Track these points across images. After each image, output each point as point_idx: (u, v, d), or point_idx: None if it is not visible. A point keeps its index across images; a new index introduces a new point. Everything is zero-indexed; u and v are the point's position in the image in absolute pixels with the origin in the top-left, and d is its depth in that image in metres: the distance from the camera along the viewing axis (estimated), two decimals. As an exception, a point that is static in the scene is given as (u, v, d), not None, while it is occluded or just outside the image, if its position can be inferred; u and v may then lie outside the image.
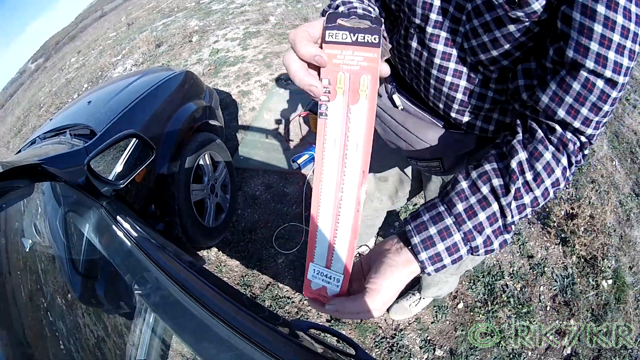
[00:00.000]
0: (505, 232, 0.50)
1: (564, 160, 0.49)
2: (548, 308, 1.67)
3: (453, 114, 0.66)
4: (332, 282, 0.46)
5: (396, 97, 0.74)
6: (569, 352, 1.54)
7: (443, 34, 0.57)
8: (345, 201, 0.43)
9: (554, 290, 1.73)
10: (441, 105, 0.66)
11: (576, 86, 0.45)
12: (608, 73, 0.42)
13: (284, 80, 3.26)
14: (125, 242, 0.86)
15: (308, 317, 1.70)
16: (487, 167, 0.51)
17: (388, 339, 1.61)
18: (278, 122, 2.80)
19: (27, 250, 0.97)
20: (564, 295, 1.70)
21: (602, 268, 1.76)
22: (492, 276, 1.77)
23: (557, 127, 0.49)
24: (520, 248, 1.87)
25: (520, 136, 0.51)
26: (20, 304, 0.83)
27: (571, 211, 1.93)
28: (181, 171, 1.67)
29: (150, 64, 4.76)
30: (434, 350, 1.56)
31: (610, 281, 1.75)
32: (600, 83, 0.44)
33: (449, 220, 0.49)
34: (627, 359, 1.50)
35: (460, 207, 0.49)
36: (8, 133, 6.87)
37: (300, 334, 0.58)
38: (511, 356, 1.51)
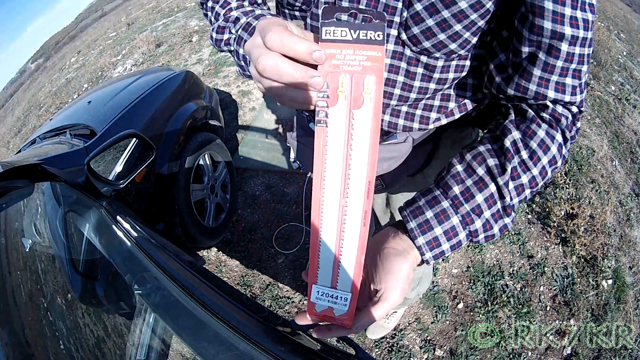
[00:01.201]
0: (505, 216, 0.49)
1: (559, 137, 0.49)
2: (548, 308, 1.67)
3: (387, 117, 0.62)
4: (339, 302, 0.43)
5: (313, 126, 0.70)
6: (569, 352, 1.54)
7: None
8: (351, 216, 0.39)
9: (554, 290, 1.73)
10: None
11: (559, 63, 0.45)
12: (582, 33, 0.44)
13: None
14: (125, 242, 0.86)
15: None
16: (481, 148, 0.50)
17: (388, 339, 1.61)
18: (278, 122, 2.80)
19: (27, 250, 0.97)
20: (564, 295, 1.70)
21: (602, 268, 1.76)
22: (492, 276, 1.77)
23: (548, 103, 0.49)
24: (520, 248, 1.87)
25: (512, 117, 0.51)
26: (20, 304, 0.83)
27: (571, 211, 1.93)
28: (181, 171, 1.67)
29: (150, 64, 4.76)
30: (434, 350, 1.56)
31: (610, 281, 1.75)
32: (577, 49, 0.45)
33: (445, 203, 0.48)
34: (627, 359, 1.50)
35: (456, 189, 0.48)
36: (8, 133, 6.87)
37: (300, 334, 0.58)
38: (511, 356, 1.51)
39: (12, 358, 0.66)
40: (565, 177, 2.14)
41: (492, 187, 0.48)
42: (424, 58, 0.53)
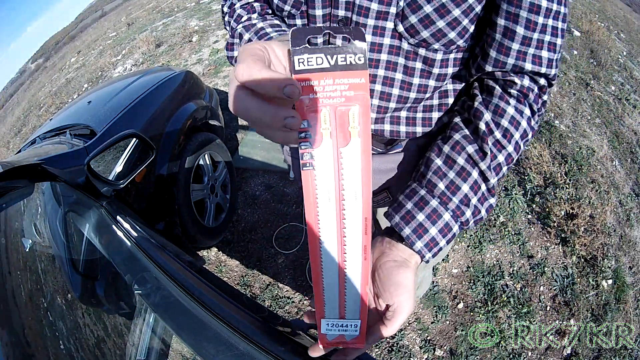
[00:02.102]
0: (490, 197, 0.50)
1: (527, 111, 0.50)
2: (548, 308, 1.67)
3: (387, 126, 0.60)
4: (349, 329, 0.43)
5: None
6: (569, 352, 1.54)
7: (371, 22, 0.49)
8: (351, 253, 0.39)
9: (554, 290, 1.73)
10: (373, 115, 0.58)
11: (536, 35, 0.46)
12: (556, 7, 0.45)
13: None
14: (125, 242, 0.86)
15: (308, 317, 1.70)
16: (457, 136, 0.50)
17: (388, 339, 1.61)
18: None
19: (27, 250, 0.97)
20: (564, 295, 1.70)
21: (602, 268, 1.76)
22: (492, 276, 1.77)
23: (516, 79, 0.49)
24: (520, 248, 1.87)
25: (479, 98, 0.51)
26: (20, 304, 0.83)
27: (571, 211, 1.93)
28: (181, 171, 1.67)
29: (150, 64, 4.76)
30: (434, 350, 1.56)
31: (610, 281, 1.75)
32: (551, 21, 0.46)
33: (434, 202, 0.48)
34: (627, 359, 1.50)
35: (441, 185, 0.48)
36: (8, 133, 6.87)
37: (300, 334, 0.58)
38: (511, 356, 1.51)
39: (12, 358, 0.66)
40: (565, 177, 2.14)
41: (475, 174, 0.49)
42: (422, 51, 0.51)
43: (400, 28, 0.49)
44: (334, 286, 0.41)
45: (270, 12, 0.60)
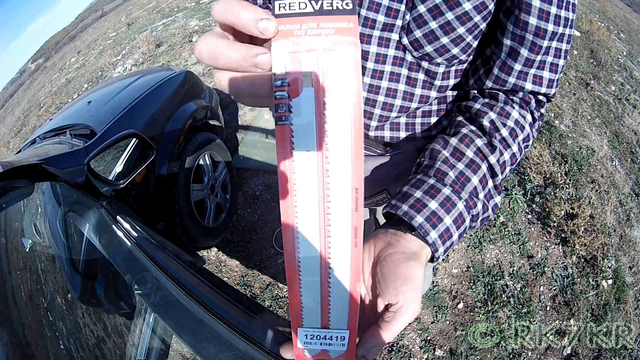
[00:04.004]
0: (497, 194, 0.49)
1: (529, 117, 0.51)
2: (548, 308, 1.67)
3: (387, 133, 0.59)
4: (334, 343, 0.34)
5: None
6: (569, 352, 1.54)
7: (376, 33, 0.50)
8: (336, 236, 0.30)
9: (554, 290, 1.72)
10: (374, 123, 0.58)
11: (539, 57, 0.47)
12: (561, 29, 0.45)
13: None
14: (125, 242, 0.86)
15: (308, 317, 1.70)
16: (464, 130, 0.50)
17: (388, 339, 1.61)
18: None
19: (27, 250, 0.97)
20: (564, 295, 1.70)
21: (602, 268, 1.76)
22: (492, 276, 1.77)
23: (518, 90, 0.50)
24: (520, 248, 1.87)
25: (482, 100, 0.52)
26: (20, 304, 0.83)
27: (571, 211, 1.93)
28: (181, 171, 1.67)
29: (150, 64, 4.76)
30: (434, 350, 1.56)
31: (610, 281, 1.75)
32: (555, 43, 0.46)
33: (446, 190, 0.44)
34: (627, 359, 1.50)
35: (452, 174, 0.45)
36: (8, 133, 6.87)
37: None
38: (511, 356, 1.51)
39: (12, 358, 0.66)
40: (565, 177, 2.14)
41: (484, 167, 0.47)
42: (425, 64, 0.51)
43: (405, 41, 0.50)
44: (313, 284, 0.32)
45: None
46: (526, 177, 2.16)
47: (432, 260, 0.44)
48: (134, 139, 1.11)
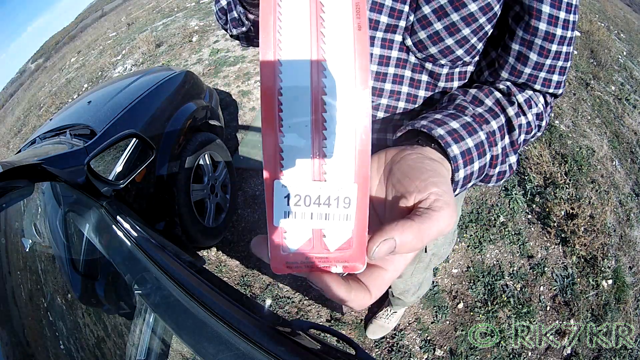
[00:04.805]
0: (512, 153, 0.47)
1: (541, 99, 0.51)
2: (548, 308, 1.67)
3: (390, 135, 0.59)
4: (333, 213, 0.22)
5: None
6: (569, 352, 1.54)
7: (379, 35, 0.49)
8: (331, 13, 0.22)
9: (554, 290, 1.73)
10: (376, 126, 0.57)
11: (548, 61, 0.47)
12: (569, 33, 0.46)
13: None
14: (125, 242, 0.86)
15: (308, 317, 1.70)
16: (483, 86, 0.50)
17: (388, 339, 1.61)
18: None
19: (27, 250, 0.97)
20: (564, 295, 1.70)
21: (602, 268, 1.76)
22: (492, 276, 1.77)
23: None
24: (520, 248, 1.87)
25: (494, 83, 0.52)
26: (20, 304, 0.83)
27: (571, 211, 1.93)
28: (181, 171, 1.67)
29: (150, 64, 4.76)
30: (434, 350, 1.56)
31: (610, 281, 1.75)
32: (564, 48, 0.47)
33: (467, 118, 0.41)
34: (627, 359, 1.50)
35: (470, 111, 0.44)
36: (8, 133, 6.87)
37: (300, 334, 0.58)
38: (511, 356, 1.51)
39: (12, 358, 0.66)
40: (565, 177, 2.14)
41: (502, 119, 0.46)
42: (428, 65, 0.51)
43: (409, 42, 0.50)
44: (301, 125, 0.21)
45: None
46: (526, 177, 2.16)
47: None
48: (134, 139, 1.11)
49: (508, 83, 0.50)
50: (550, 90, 0.50)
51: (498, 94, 0.48)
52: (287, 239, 0.23)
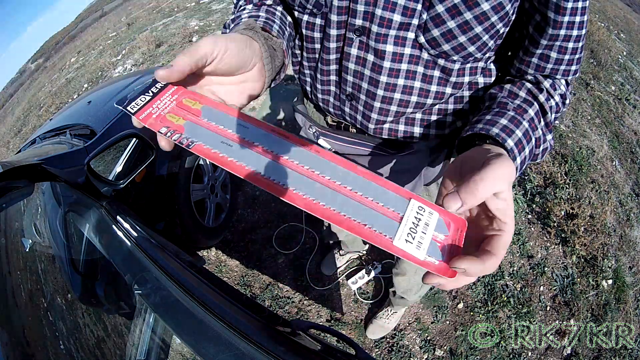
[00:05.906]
0: (548, 132, 0.53)
1: (564, 82, 0.55)
2: (548, 308, 1.67)
3: (402, 127, 0.62)
4: (430, 223, 0.30)
5: (322, 141, 0.71)
6: (569, 352, 1.54)
7: (392, 32, 0.51)
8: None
9: (554, 290, 1.73)
10: (389, 118, 0.61)
11: (567, 57, 0.51)
12: (583, 32, 0.50)
13: (283, 80, 3.26)
14: (125, 242, 0.86)
15: (308, 317, 1.70)
16: (515, 79, 0.55)
17: (388, 339, 1.61)
18: (278, 122, 2.80)
19: (27, 250, 0.97)
20: (564, 295, 1.70)
21: (602, 268, 1.76)
22: (492, 276, 1.77)
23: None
24: (520, 248, 1.87)
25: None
26: (20, 304, 0.83)
27: (571, 211, 1.93)
28: (181, 171, 1.67)
29: (150, 64, 4.76)
30: (434, 350, 1.56)
31: (610, 281, 1.75)
32: (580, 44, 0.51)
33: (511, 112, 0.48)
34: (627, 359, 1.50)
35: (510, 105, 0.50)
36: (8, 133, 6.87)
37: (300, 334, 0.58)
38: (511, 356, 1.51)
39: (12, 358, 0.66)
40: (565, 177, 2.14)
41: (536, 105, 0.51)
42: (441, 61, 0.53)
43: (422, 39, 0.51)
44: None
45: (273, 2, 0.61)
46: (526, 177, 2.16)
47: None
48: (134, 139, 1.11)
49: (535, 73, 0.55)
50: (569, 78, 0.55)
51: (529, 85, 0.53)
52: (427, 256, 0.31)
